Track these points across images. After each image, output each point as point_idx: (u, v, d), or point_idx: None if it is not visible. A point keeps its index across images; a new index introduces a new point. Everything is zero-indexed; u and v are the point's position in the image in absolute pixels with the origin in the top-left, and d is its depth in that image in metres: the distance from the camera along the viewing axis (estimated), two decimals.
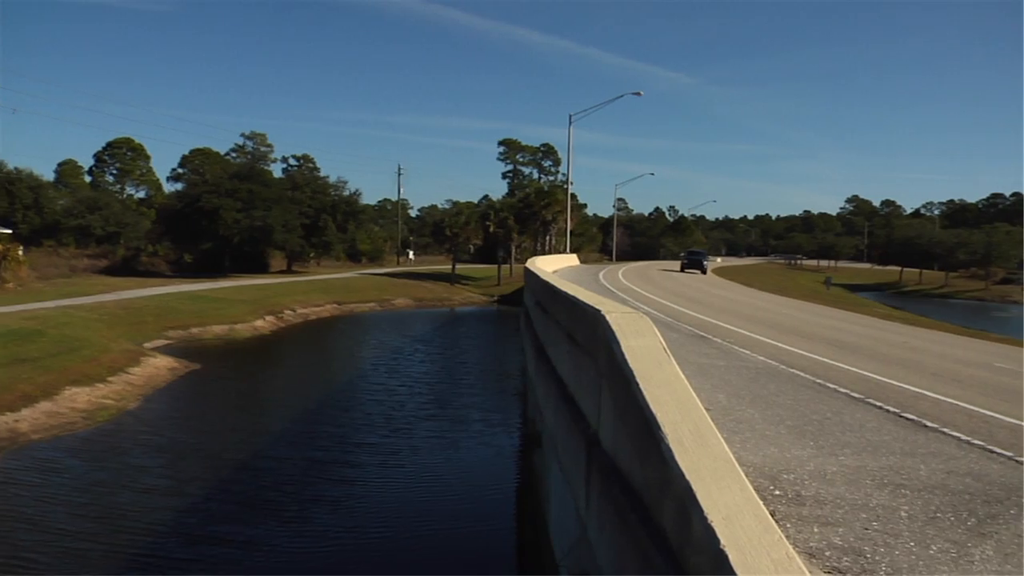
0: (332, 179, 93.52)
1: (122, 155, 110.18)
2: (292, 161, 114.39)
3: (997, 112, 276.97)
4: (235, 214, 69.57)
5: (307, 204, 79.93)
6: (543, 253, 75.80)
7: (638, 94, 65.40)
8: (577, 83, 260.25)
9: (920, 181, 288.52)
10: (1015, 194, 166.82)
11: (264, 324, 45.18)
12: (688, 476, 4.05)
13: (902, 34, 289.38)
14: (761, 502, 3.90)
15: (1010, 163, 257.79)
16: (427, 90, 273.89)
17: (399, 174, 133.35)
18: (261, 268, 77.22)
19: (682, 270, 67.75)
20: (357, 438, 22.13)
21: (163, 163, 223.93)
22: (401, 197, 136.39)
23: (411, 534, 15.48)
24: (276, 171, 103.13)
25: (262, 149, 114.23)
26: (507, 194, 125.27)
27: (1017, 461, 8.43)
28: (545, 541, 12.27)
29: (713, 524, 3.59)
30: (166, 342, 36.49)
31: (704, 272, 66.54)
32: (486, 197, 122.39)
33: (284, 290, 57.13)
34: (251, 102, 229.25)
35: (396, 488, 18.24)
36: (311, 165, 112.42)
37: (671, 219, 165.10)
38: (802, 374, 14.06)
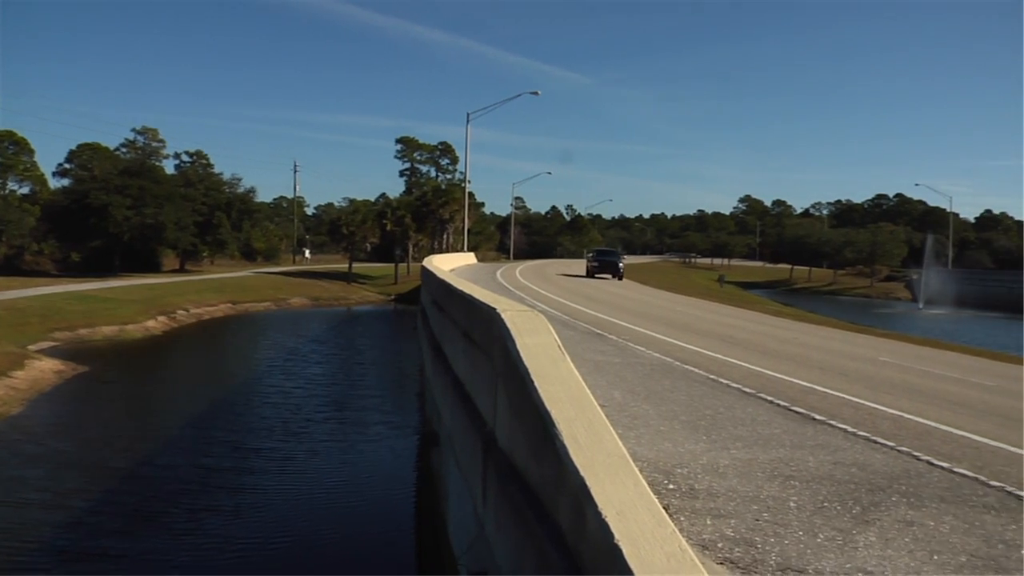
0: (226, 176, 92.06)
1: (3, 149, 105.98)
2: (185, 157, 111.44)
3: (881, 115, 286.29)
4: (125, 211, 67.61)
5: (200, 201, 78.26)
6: (441, 252, 75.53)
7: (535, 93, 65.76)
8: (475, 82, 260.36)
9: (809, 182, 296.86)
10: (898, 195, 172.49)
11: (156, 325, 44.01)
12: (583, 472, 4.07)
13: (791, 35, 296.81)
14: (654, 496, 3.94)
15: (893, 165, 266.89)
16: (324, 86, 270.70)
17: (295, 171, 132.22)
18: (153, 267, 75.24)
19: (590, 275, 54.31)
20: (253, 443, 21.54)
21: (48, 158, 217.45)
22: (297, 195, 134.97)
23: (310, 540, 15.20)
24: (168, 167, 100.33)
25: (153, 145, 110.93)
26: (404, 192, 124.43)
27: (899, 451, 8.73)
28: (444, 540, 12.23)
29: (607, 519, 3.61)
30: (52, 344, 35.19)
31: (619, 277, 53.99)
32: (383, 195, 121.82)
33: (177, 289, 55.81)
34: (142, 96, 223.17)
35: (294, 494, 17.82)
36: (205, 161, 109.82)
37: (568, 218, 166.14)
38: (696, 370, 14.30)
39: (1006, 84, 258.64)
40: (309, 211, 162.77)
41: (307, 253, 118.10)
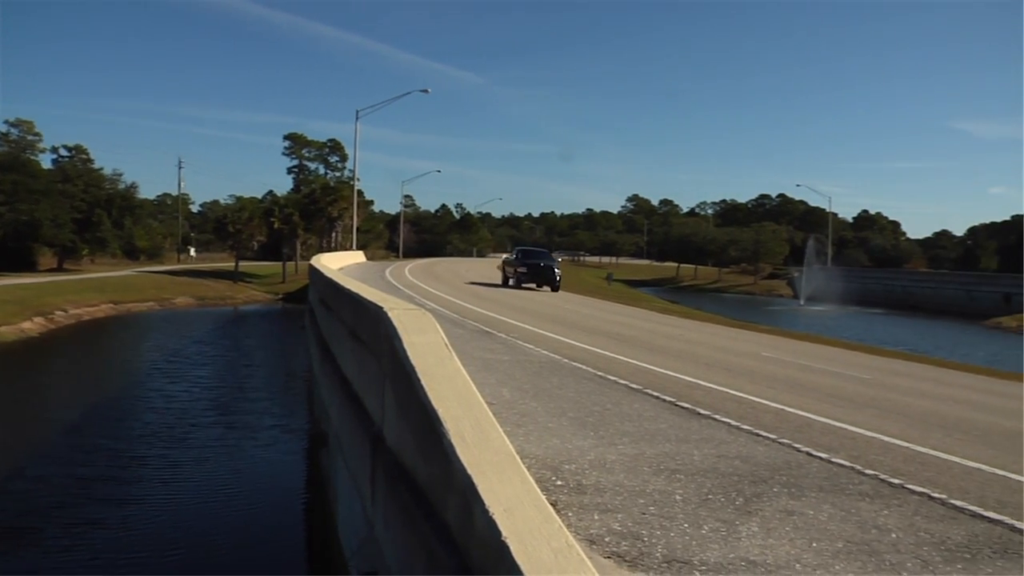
0: (107, 171, 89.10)
1: None
2: (63, 151, 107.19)
3: (764, 117, 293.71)
4: None
5: (80, 198, 75.50)
6: (329, 250, 74.68)
7: (425, 91, 65.78)
8: (366, 79, 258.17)
9: (696, 182, 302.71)
10: (781, 195, 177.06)
11: (32, 326, 42.33)
12: (470, 471, 4.07)
13: (676, 35, 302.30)
14: (541, 493, 3.96)
15: (776, 166, 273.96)
16: (210, 81, 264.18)
17: (180, 167, 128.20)
18: (28, 266, 72.17)
19: (512, 285, 41.93)
20: (136, 451, 20.54)
21: None
22: (182, 192, 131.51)
23: (200, 549, 14.70)
24: (45, 162, 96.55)
25: (29, 138, 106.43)
26: (292, 190, 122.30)
27: (780, 443, 8.98)
28: (334, 542, 12.09)
29: (495, 516, 3.61)
30: None
31: (556, 288, 41.89)
32: (271, 193, 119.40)
33: (55, 289, 53.77)
34: (17, 88, 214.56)
35: (181, 503, 17.17)
36: (84, 156, 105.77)
37: (458, 216, 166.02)
38: (584, 367, 14.44)
39: (879, 89, 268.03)
40: (194, 208, 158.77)
41: (192, 252, 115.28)
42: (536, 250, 50.30)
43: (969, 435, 10.62)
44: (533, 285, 41.88)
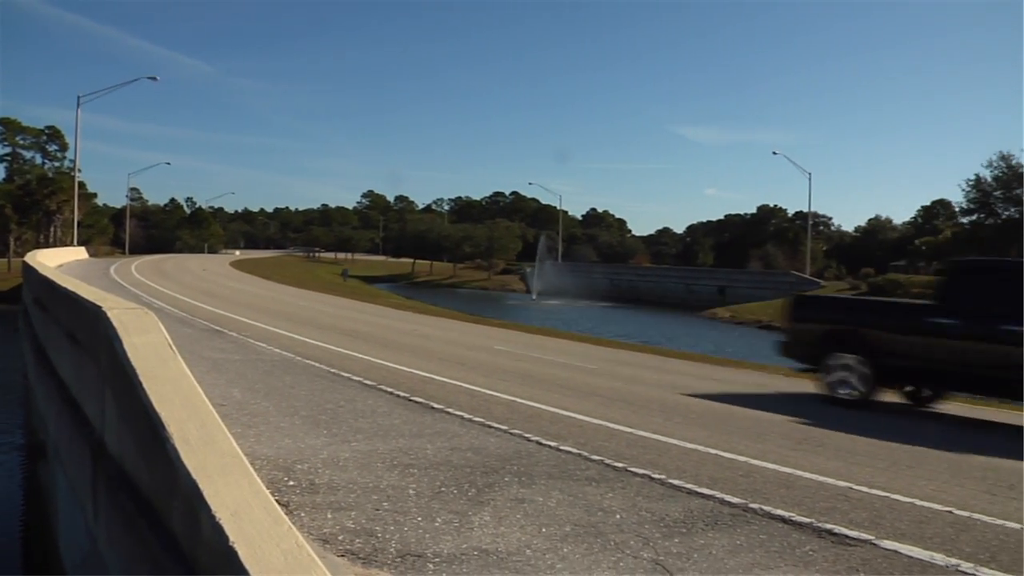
0: None
1: None
2: None
3: (497, 115, 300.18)
4: None
5: None
6: (48, 246, 69.91)
7: (154, 79, 63.05)
8: (90, 63, 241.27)
9: (432, 179, 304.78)
10: (514, 193, 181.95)
11: None
12: (195, 475, 3.93)
13: (415, 35, 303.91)
14: (270, 495, 3.88)
15: (510, 164, 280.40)
16: None
17: None
18: None
19: None
20: None
21: None
22: None
23: None
24: None
25: None
26: (5, 180, 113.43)
27: (511, 434, 9.23)
28: (55, 559, 11.36)
29: (221, 521, 3.51)
30: None
31: None
32: None
33: None
34: None
35: None
36: None
37: (188, 211, 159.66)
38: (317, 364, 14.30)
39: (608, 95, 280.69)
40: None
41: None
42: None
43: (687, 418, 11.32)
44: None
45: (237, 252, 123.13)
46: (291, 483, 6.77)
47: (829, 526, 6.36)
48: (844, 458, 9.13)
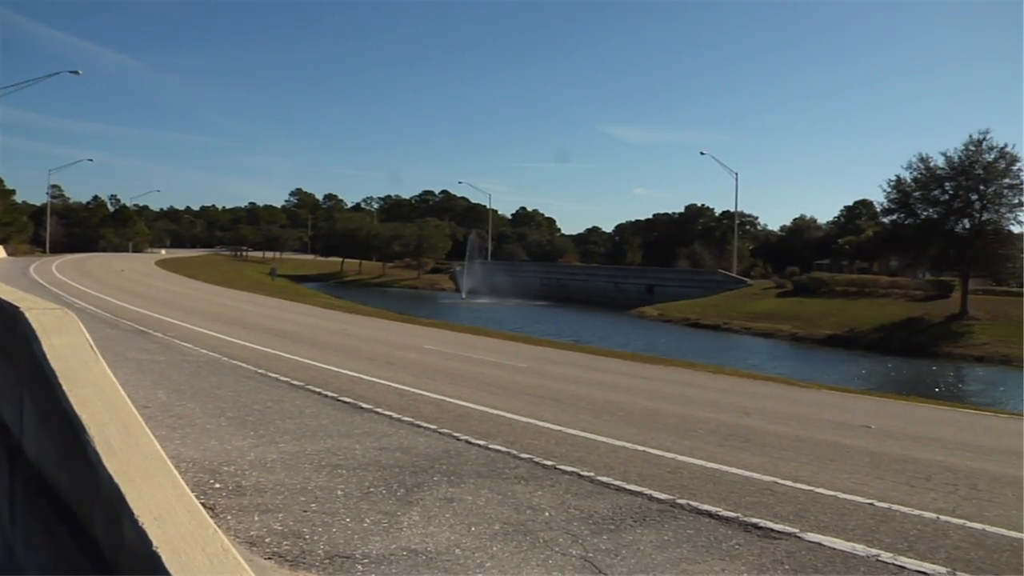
0: None
1: None
2: None
3: (427, 115, 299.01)
4: None
5: None
6: None
7: (76, 72, 61.68)
8: (8, 55, 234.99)
9: (360, 177, 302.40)
10: (444, 191, 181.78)
11: None
12: (117, 479, 3.86)
13: (352, 36, 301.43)
14: (195, 498, 3.83)
15: (439, 163, 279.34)
16: None
17: None
18: None
19: None
20: None
21: None
22: None
23: None
24: None
25: None
26: None
27: (440, 433, 9.22)
28: None
29: (144, 526, 3.46)
30: None
31: None
32: None
33: None
34: None
35: None
36: None
37: (112, 208, 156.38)
38: (244, 365, 14.14)
39: (539, 94, 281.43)
40: None
41: None
42: None
43: (615, 416, 11.41)
44: None
45: (163, 251, 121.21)
46: (217, 485, 6.68)
47: (755, 520, 6.47)
48: (769, 453, 9.30)
